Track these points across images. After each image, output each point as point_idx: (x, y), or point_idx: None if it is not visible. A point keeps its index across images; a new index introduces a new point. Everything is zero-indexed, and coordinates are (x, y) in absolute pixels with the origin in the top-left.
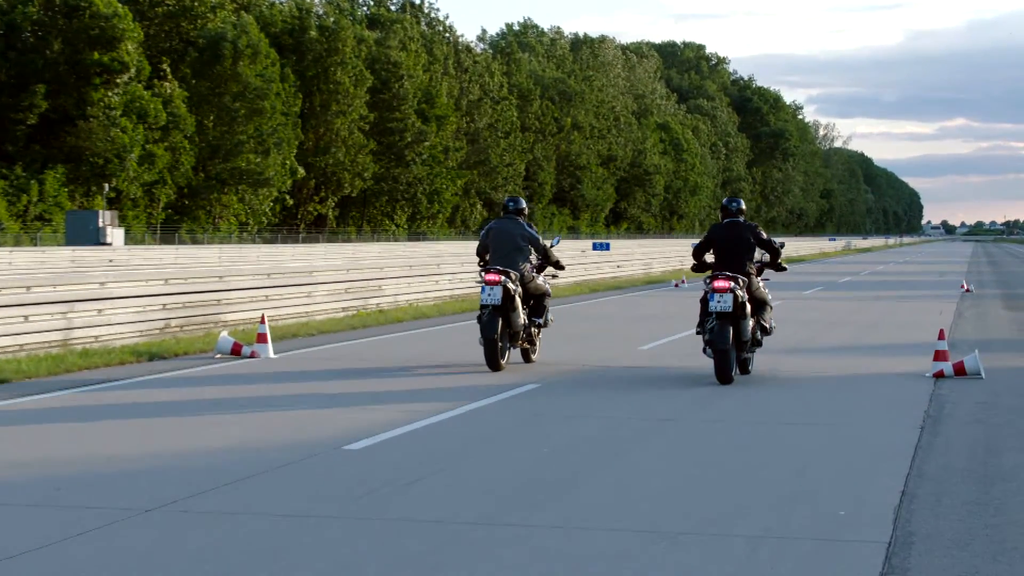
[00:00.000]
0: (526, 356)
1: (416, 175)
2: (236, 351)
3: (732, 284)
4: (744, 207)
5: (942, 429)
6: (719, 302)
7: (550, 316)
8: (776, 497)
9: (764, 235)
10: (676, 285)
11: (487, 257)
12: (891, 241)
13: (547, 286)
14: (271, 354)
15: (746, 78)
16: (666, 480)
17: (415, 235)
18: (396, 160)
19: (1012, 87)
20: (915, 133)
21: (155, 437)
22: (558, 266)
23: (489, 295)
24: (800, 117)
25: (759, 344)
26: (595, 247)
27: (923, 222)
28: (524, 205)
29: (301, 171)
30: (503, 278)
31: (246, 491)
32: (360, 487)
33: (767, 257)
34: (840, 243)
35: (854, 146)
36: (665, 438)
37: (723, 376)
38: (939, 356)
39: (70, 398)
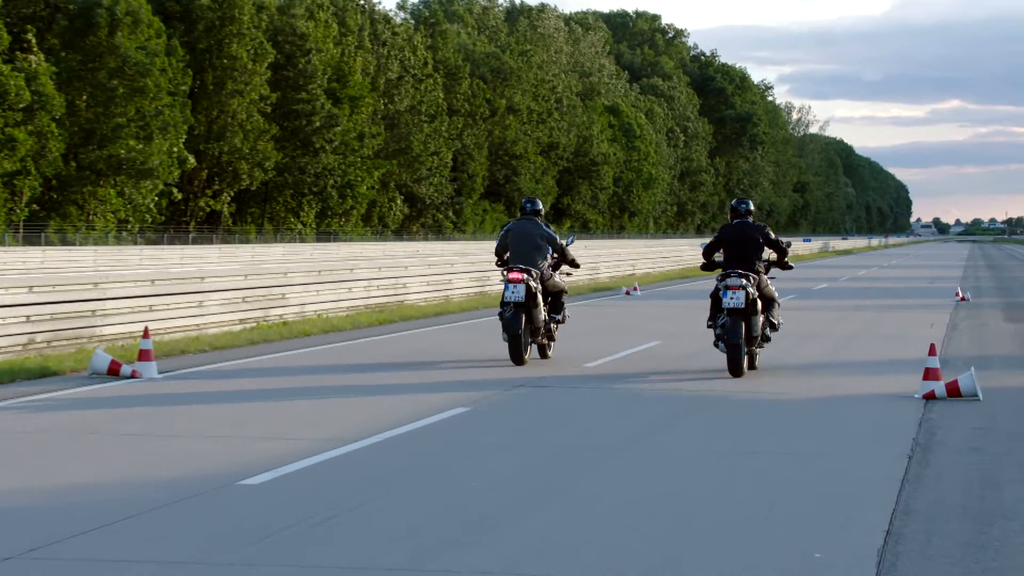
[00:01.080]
0: (543, 352)
1: (326, 165)
2: (114, 370)
3: (744, 282)
4: (753, 208)
5: (933, 459)
6: (732, 299)
7: (567, 312)
8: (741, 538)
9: (772, 235)
10: (627, 292)
11: (505, 257)
12: (875, 242)
13: (563, 283)
14: (155, 374)
15: (708, 54)
16: (613, 519)
17: (325, 235)
18: (303, 148)
19: (1014, 63)
20: (903, 117)
21: (16, 473)
22: (574, 264)
23: (513, 292)
24: (770, 99)
25: (768, 339)
26: None
27: (912, 220)
28: (540, 206)
29: (191, 160)
30: (526, 276)
31: (126, 534)
32: (260, 529)
33: (774, 256)
34: (816, 244)
35: (832, 132)
36: (612, 470)
37: (735, 369)
38: (929, 375)
39: None
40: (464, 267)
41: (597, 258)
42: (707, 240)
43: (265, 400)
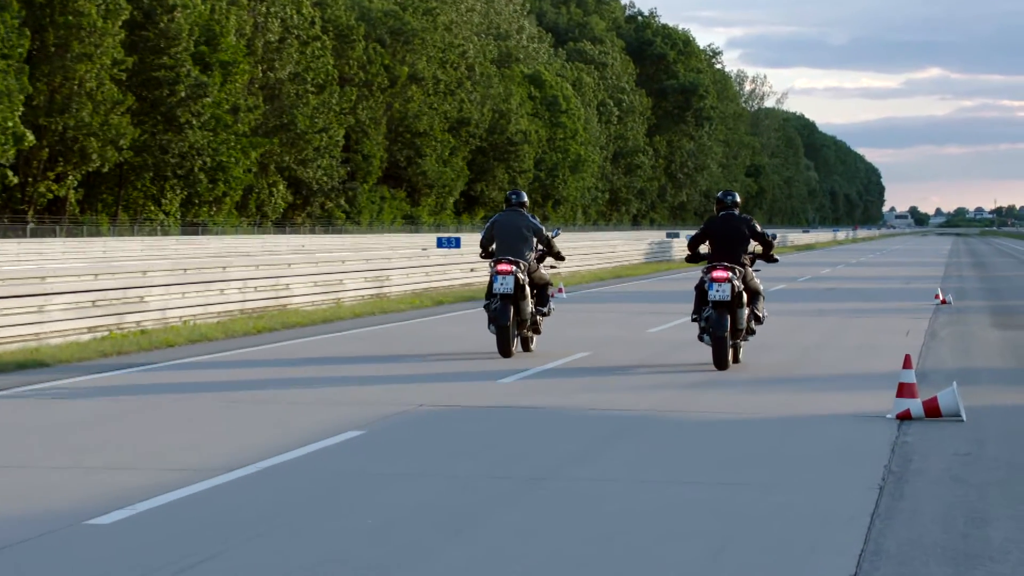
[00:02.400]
0: (526, 344)
1: (193, 144)
2: None
3: (730, 275)
4: (739, 200)
5: (908, 490)
6: (718, 291)
7: (552, 304)
8: None
9: (759, 228)
10: (552, 295)
11: (491, 249)
12: (841, 235)
13: (548, 276)
14: None
15: (646, 13)
16: (528, 566)
17: (192, 226)
18: (165, 123)
19: (1005, 25)
20: (874, 88)
21: None
22: (559, 257)
23: (502, 284)
24: (718, 67)
25: (753, 332)
26: (441, 243)
27: (885, 209)
28: (526, 199)
29: (30, 137)
30: (514, 268)
31: None
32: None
33: (759, 249)
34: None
35: (792, 106)
36: (531, 505)
37: (720, 362)
38: (904, 391)
39: None
40: (358, 265)
41: None
42: (691, 232)
43: (116, 425)
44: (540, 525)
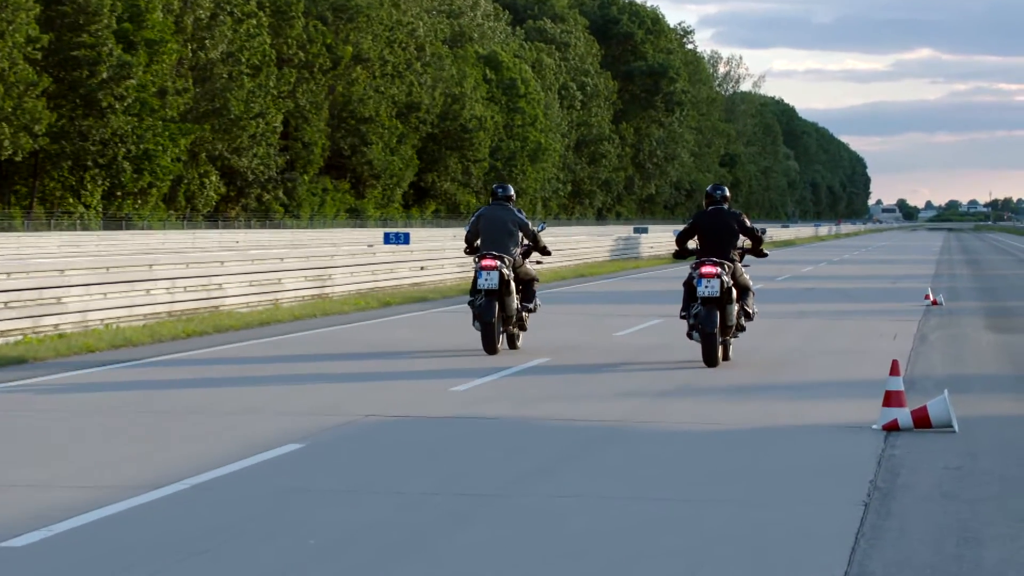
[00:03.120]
0: (512, 341)
1: (116, 130)
2: None
3: (719, 270)
4: (728, 194)
5: (896, 507)
6: (707, 287)
7: (538, 301)
8: None
9: (748, 223)
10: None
11: (476, 244)
12: (824, 230)
13: (534, 271)
14: None
15: None
16: None
17: (115, 221)
18: (85, 107)
19: (998, 2)
20: (859, 71)
21: None
22: (545, 252)
23: (486, 279)
24: (690, 47)
25: (743, 329)
26: (388, 239)
27: (871, 202)
28: (512, 192)
29: None
30: (499, 263)
31: None
32: None
33: (748, 244)
34: None
35: (770, 90)
36: (487, 524)
37: (710, 359)
38: (891, 400)
39: None
40: (298, 263)
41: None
42: (679, 227)
43: (32, 438)
44: (497, 546)
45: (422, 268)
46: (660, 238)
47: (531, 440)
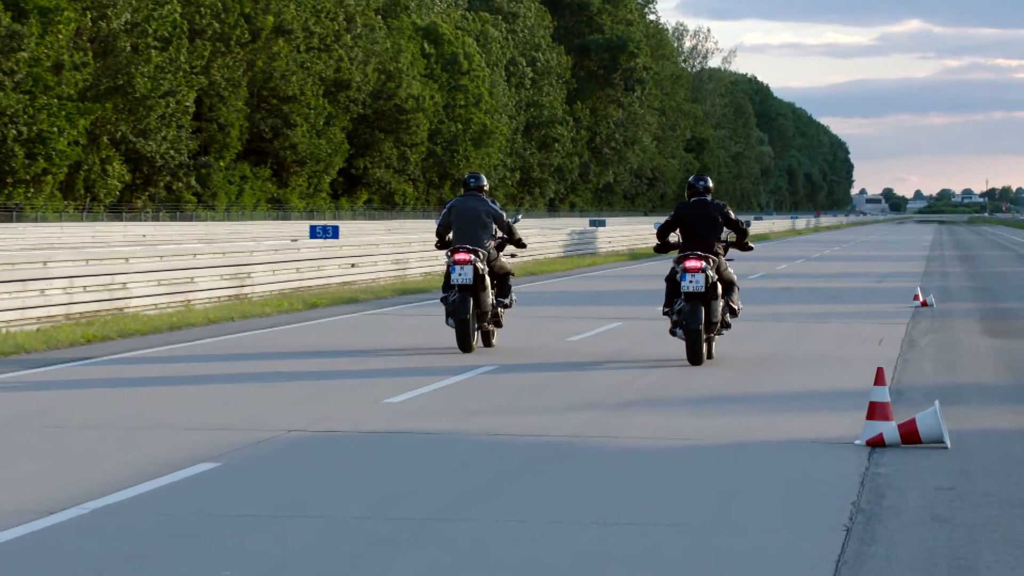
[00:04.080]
0: (487, 339)
1: (5, 109)
2: None
3: (704, 264)
4: (712, 185)
5: (881, 532)
6: (691, 282)
7: (514, 296)
8: None
9: (733, 215)
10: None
11: (448, 238)
12: (801, 223)
13: (509, 265)
14: None
15: None
16: None
17: (5, 211)
18: None
19: None
20: (841, 45)
21: None
22: (520, 244)
23: (460, 274)
24: (652, 19)
25: (728, 326)
26: (314, 233)
27: (854, 192)
28: (485, 182)
29: None
30: (473, 256)
31: None
32: None
33: (733, 237)
34: None
35: (741, 66)
36: (423, 552)
37: (694, 357)
38: (876, 412)
39: None
40: (213, 260)
41: (406, 248)
42: (661, 220)
43: None
44: None
45: (353, 266)
46: (619, 232)
47: (472, 458)
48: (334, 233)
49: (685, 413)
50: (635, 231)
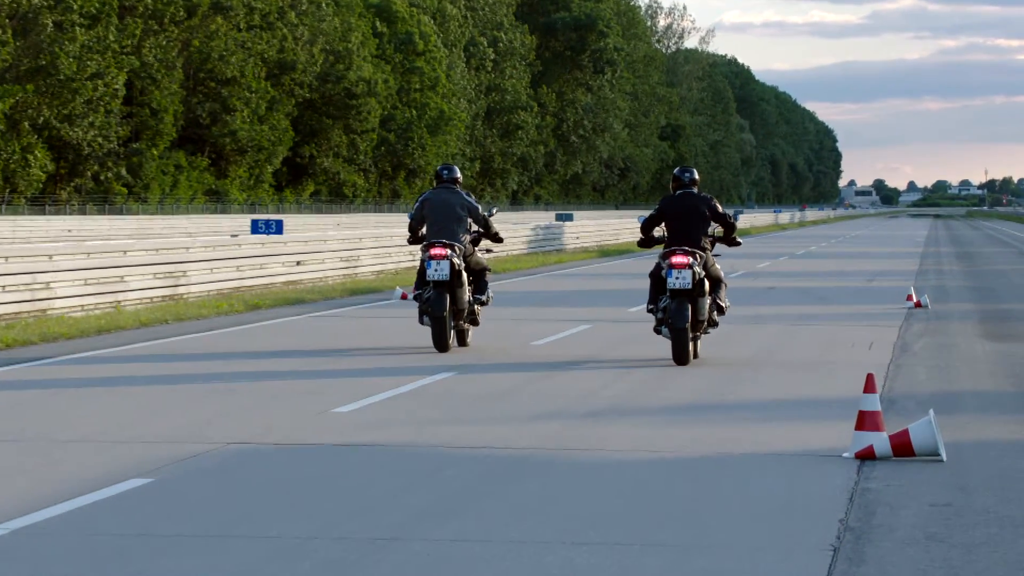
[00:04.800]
0: (462, 338)
1: None
2: None
3: (691, 260)
4: (697, 177)
5: (871, 552)
6: (678, 279)
7: (490, 292)
8: None
9: (720, 208)
10: (405, 296)
11: (420, 232)
12: (784, 217)
13: (485, 260)
14: None
15: None
16: None
17: None
18: None
19: None
20: (828, 24)
21: None
22: (497, 239)
23: (436, 270)
24: None
25: (715, 324)
26: (256, 228)
27: (842, 183)
28: (459, 174)
29: None
30: (449, 252)
31: None
32: None
33: (720, 231)
34: None
35: (720, 47)
36: (374, 575)
37: (680, 356)
38: (866, 422)
39: None
40: (146, 257)
41: (356, 244)
42: (637, 213)
43: None
44: None
45: (298, 263)
46: (588, 227)
47: (428, 472)
48: (278, 228)
49: (660, 423)
50: (605, 226)
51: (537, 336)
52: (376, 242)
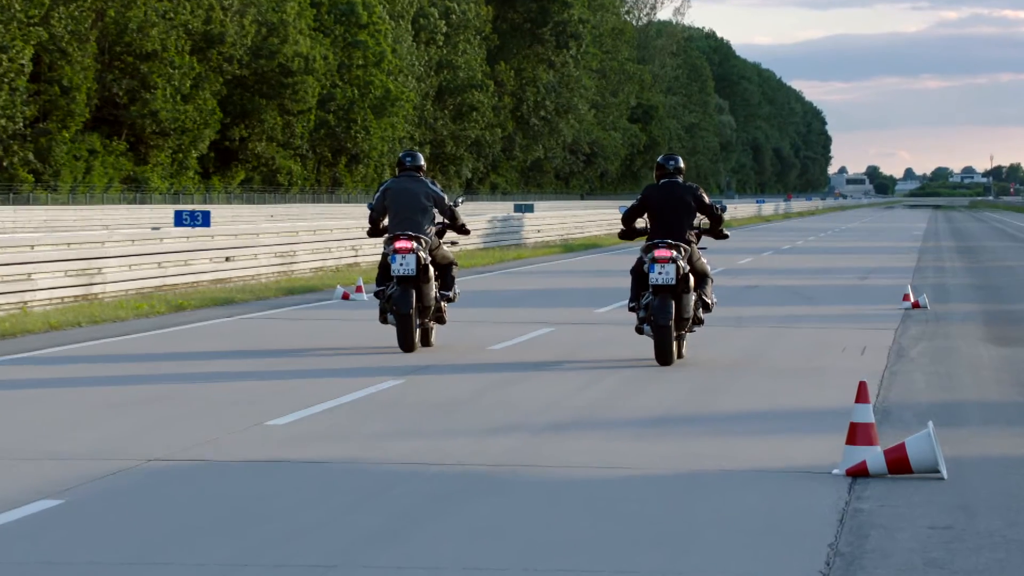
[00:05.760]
0: (425, 338)
1: None
2: None
3: (675, 253)
4: (683, 166)
5: None
6: (661, 273)
7: (457, 289)
8: None
9: (706, 199)
10: (346, 296)
11: (382, 224)
12: (769, 208)
13: (452, 254)
14: None
15: None
16: None
17: None
18: None
19: None
20: None
21: None
22: (463, 230)
23: (402, 264)
24: None
25: (700, 322)
26: (180, 220)
27: (832, 170)
28: (423, 161)
29: None
30: (415, 244)
31: None
32: None
33: (706, 223)
34: None
35: (697, 19)
36: None
37: (663, 356)
38: (858, 435)
39: None
40: (56, 252)
41: (294, 236)
42: (617, 204)
43: None
44: None
45: (228, 259)
46: (550, 219)
47: (374, 492)
48: (204, 220)
49: (629, 436)
50: (569, 218)
51: (494, 340)
52: (315, 236)
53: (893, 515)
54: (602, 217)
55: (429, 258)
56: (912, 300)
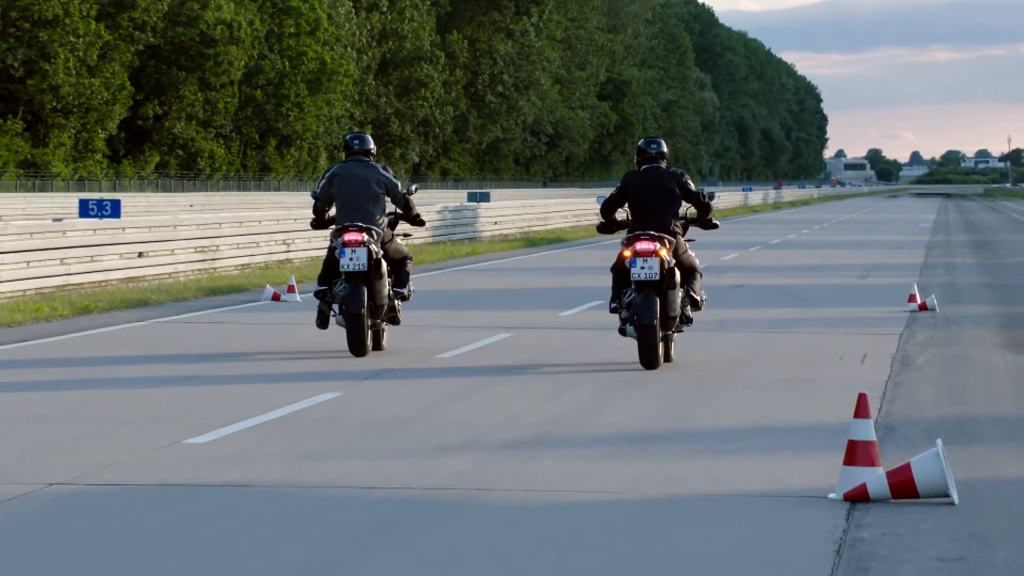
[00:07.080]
0: (377, 340)
1: None
2: None
3: (658, 246)
4: (666, 150)
5: None
6: (643, 268)
7: (411, 286)
8: None
9: (692, 185)
10: (277, 297)
11: (329, 214)
12: (757, 197)
13: (406, 248)
14: None
15: None
16: None
17: None
18: None
19: None
20: None
21: None
22: (418, 221)
23: (352, 259)
24: None
25: (689, 321)
26: (86, 210)
27: (828, 154)
28: (372, 145)
29: None
30: (367, 237)
31: None
32: None
33: (693, 212)
34: None
35: None
36: None
37: (649, 359)
38: (857, 454)
39: None
40: None
41: (217, 229)
42: (595, 193)
43: None
44: None
45: (140, 255)
46: (508, 209)
47: (307, 520)
48: (114, 210)
49: (598, 456)
50: (531, 208)
51: (444, 347)
52: (240, 229)
53: (897, 545)
54: (567, 207)
55: (381, 252)
56: (919, 301)
